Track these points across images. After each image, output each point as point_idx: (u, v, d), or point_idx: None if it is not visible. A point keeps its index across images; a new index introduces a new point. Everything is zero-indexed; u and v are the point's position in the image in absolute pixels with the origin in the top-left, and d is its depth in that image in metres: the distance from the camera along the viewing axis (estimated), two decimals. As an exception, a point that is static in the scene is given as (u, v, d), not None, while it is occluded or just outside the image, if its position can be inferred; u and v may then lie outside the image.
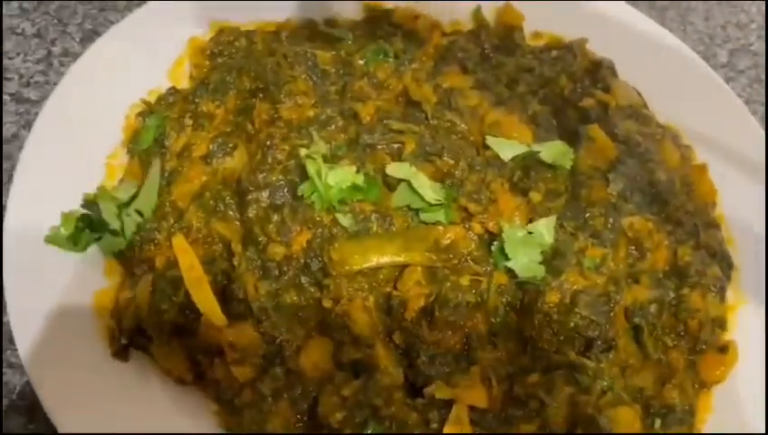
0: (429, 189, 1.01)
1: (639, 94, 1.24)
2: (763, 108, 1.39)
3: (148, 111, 1.12)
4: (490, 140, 1.08)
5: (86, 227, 1.00)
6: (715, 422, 0.98)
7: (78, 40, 1.35)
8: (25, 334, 0.90)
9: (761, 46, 1.47)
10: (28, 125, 1.04)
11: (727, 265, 1.09)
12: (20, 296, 0.92)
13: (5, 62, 1.30)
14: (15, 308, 0.92)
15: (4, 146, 1.19)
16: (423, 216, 1.00)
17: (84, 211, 1.01)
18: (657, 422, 0.95)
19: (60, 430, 0.87)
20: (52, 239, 0.98)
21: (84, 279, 0.98)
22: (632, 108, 1.19)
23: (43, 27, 1.36)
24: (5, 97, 1.26)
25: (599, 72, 1.24)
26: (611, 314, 0.97)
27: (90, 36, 1.35)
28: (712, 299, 1.03)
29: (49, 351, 0.91)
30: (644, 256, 1.04)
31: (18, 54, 1.33)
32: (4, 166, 1.17)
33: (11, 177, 1.00)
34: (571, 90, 1.22)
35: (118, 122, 1.12)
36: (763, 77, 1.43)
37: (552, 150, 1.08)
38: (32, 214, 0.99)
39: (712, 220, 1.13)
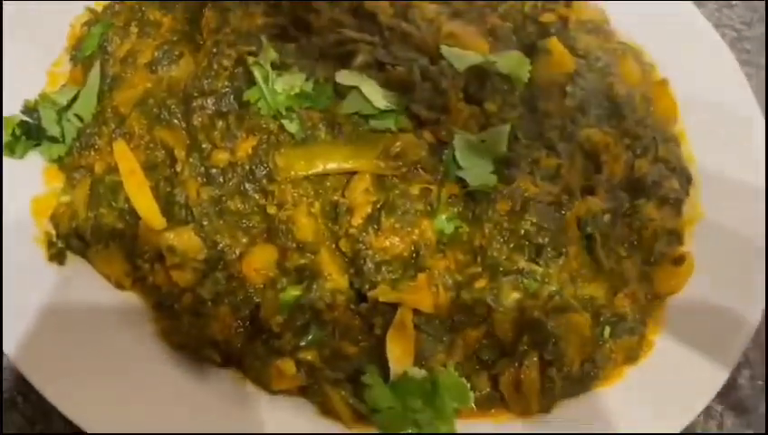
0: (380, 96, 0.97)
1: (603, 12, 1.21)
2: (733, 32, 1.37)
3: (93, 20, 1.08)
4: (444, 50, 1.04)
5: (24, 133, 0.97)
6: (667, 335, 0.97)
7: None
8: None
9: (731, -28, 1.44)
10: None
11: (686, 179, 1.06)
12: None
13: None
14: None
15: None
16: (373, 123, 0.97)
17: (23, 118, 0.98)
18: (607, 330, 0.93)
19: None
20: (-11, 145, 0.95)
21: (23, 186, 0.96)
22: (593, 23, 1.16)
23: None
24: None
25: (561, -11, 1.20)
26: (562, 222, 0.94)
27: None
28: (668, 211, 1.01)
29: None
30: (600, 169, 1.02)
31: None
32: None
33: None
34: (532, 6, 1.19)
35: (62, 33, 1.08)
36: (733, 2, 1.40)
37: (509, 61, 1.04)
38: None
39: (671, 135, 1.11)
